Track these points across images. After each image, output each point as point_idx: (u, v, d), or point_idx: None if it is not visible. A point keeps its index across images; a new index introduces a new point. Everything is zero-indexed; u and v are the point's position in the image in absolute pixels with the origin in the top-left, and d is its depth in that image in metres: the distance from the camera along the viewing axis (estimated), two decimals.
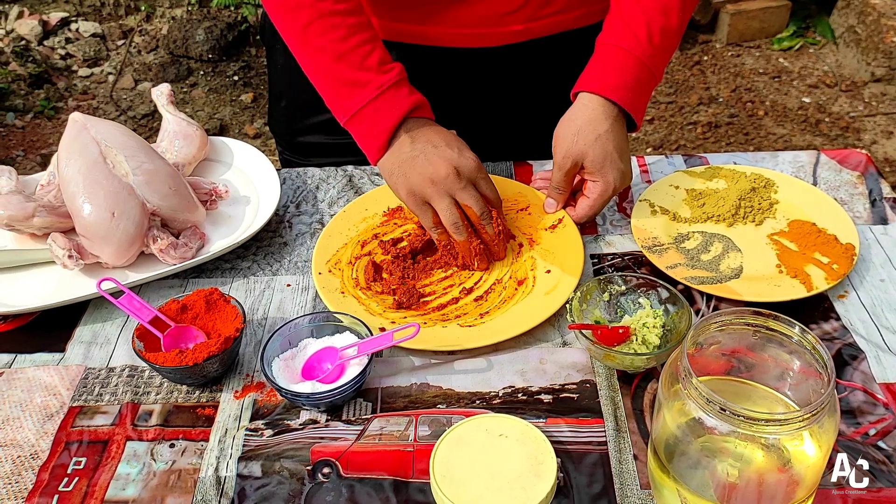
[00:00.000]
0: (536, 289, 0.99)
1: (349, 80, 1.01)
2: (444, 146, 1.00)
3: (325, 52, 1.01)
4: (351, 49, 1.00)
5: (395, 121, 1.01)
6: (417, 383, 0.89)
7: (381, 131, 1.01)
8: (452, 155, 0.99)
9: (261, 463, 0.81)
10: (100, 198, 1.00)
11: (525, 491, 0.75)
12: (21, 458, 0.83)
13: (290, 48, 1.05)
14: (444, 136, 1.02)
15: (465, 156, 1.00)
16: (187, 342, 0.91)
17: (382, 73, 1.01)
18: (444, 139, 1.01)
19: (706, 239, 1.05)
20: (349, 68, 1.00)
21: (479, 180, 1.01)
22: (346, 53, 1.00)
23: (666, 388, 0.71)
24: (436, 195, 0.98)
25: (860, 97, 3.15)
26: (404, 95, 1.01)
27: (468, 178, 0.99)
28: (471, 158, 1.01)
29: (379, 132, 1.01)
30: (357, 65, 1.00)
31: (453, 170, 0.98)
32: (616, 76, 1.02)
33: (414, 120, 1.02)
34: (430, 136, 1.01)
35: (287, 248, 1.09)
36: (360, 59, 1.00)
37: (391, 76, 1.01)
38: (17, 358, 0.95)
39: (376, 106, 1.01)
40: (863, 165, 1.18)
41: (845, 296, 0.98)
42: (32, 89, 3.24)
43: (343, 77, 1.01)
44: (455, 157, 0.99)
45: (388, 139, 1.01)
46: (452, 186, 0.98)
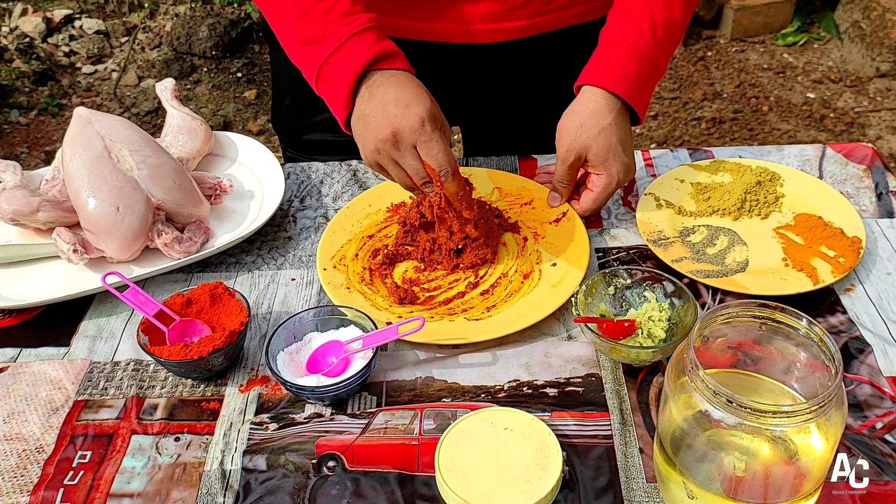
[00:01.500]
0: (542, 282, 0.99)
1: (311, 36, 0.96)
2: (392, 104, 0.92)
3: (290, 10, 0.97)
4: (312, 4, 0.95)
5: (354, 73, 0.94)
6: (422, 377, 0.89)
7: (342, 86, 0.95)
8: (395, 115, 0.92)
9: (266, 456, 0.81)
10: (104, 192, 1.00)
11: (530, 484, 0.75)
12: (26, 451, 0.83)
13: (263, 13, 1.01)
14: (397, 89, 0.94)
15: (407, 115, 0.92)
16: (192, 336, 0.91)
17: (344, 24, 0.95)
18: (396, 95, 0.93)
19: (712, 232, 1.05)
20: (312, 24, 0.96)
21: (420, 143, 0.92)
22: (308, 8, 0.96)
23: (672, 381, 0.70)
24: (384, 162, 0.95)
25: (865, 92, 3.14)
26: (366, 44, 0.95)
27: (408, 142, 0.92)
28: (414, 117, 0.91)
29: (340, 87, 0.95)
30: (319, 19, 0.95)
31: (391, 134, 0.92)
32: (619, 69, 1.02)
33: (379, 72, 0.95)
34: (387, 90, 0.93)
35: (291, 243, 1.08)
36: (323, 12, 0.95)
37: (353, 26, 0.95)
38: (22, 352, 0.95)
39: (337, 59, 0.95)
40: (869, 159, 1.18)
41: (852, 289, 0.97)
42: (36, 86, 3.25)
43: (306, 35, 0.96)
44: (398, 117, 0.92)
45: (349, 94, 0.95)
46: (391, 152, 0.93)
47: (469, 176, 1.14)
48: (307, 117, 1.28)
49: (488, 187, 1.14)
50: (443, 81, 1.19)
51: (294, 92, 1.28)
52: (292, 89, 1.29)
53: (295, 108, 1.30)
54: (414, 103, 0.92)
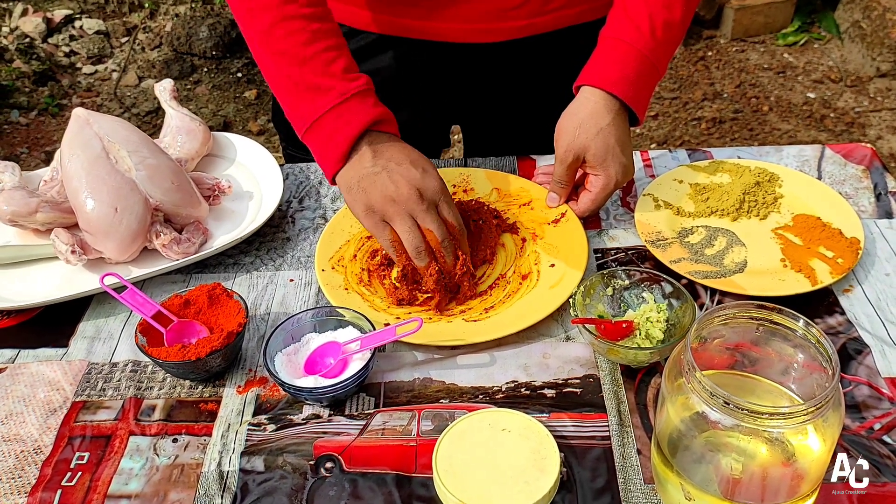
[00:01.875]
0: (541, 283, 0.98)
1: (311, 84, 0.96)
2: (407, 164, 0.95)
3: (288, 56, 0.97)
4: (315, 54, 0.96)
5: (356, 131, 0.96)
6: (420, 378, 0.89)
7: (342, 141, 0.96)
8: (415, 175, 0.95)
9: (264, 458, 0.81)
10: (103, 193, 1.00)
11: (528, 485, 0.75)
12: (24, 452, 0.83)
13: (253, 52, 1.01)
14: (408, 153, 0.97)
15: (428, 177, 0.96)
16: (190, 337, 0.91)
17: (347, 80, 0.97)
18: (409, 157, 0.97)
19: (710, 233, 1.05)
20: (312, 73, 0.96)
21: (441, 204, 0.96)
22: (309, 58, 0.96)
23: (669, 383, 0.70)
24: (396, 215, 0.94)
25: (865, 92, 3.14)
26: (369, 106, 0.97)
27: (430, 200, 0.95)
28: (434, 179, 0.96)
29: (339, 142, 0.96)
30: (320, 70, 0.96)
31: (416, 190, 0.94)
32: (618, 70, 1.02)
33: (377, 133, 0.98)
34: (394, 152, 0.97)
35: (290, 244, 1.08)
36: (324, 64, 0.96)
37: (357, 84, 0.97)
38: (20, 353, 0.95)
39: (338, 113, 0.96)
40: (868, 159, 1.18)
41: (850, 290, 0.97)
42: (37, 87, 3.25)
43: (305, 82, 0.96)
44: (418, 177, 0.95)
45: (348, 149, 0.96)
46: (414, 208, 0.94)
47: (468, 177, 1.15)
48: None
49: (487, 188, 1.14)
50: (442, 81, 1.19)
51: None
52: None
53: None
54: (429, 168, 0.97)
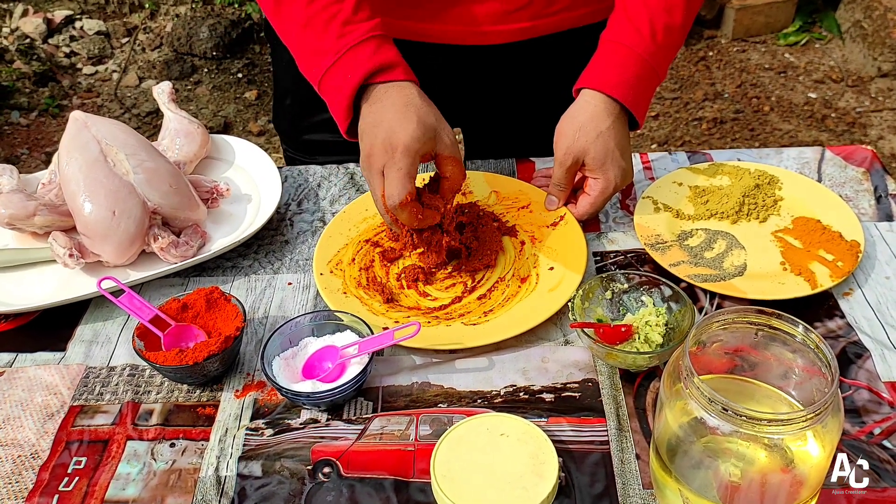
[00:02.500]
0: (540, 286, 0.98)
1: (314, 48, 0.97)
2: (381, 125, 0.92)
3: (294, 20, 0.97)
4: (315, 13, 0.96)
5: (350, 89, 0.95)
6: (418, 382, 0.89)
7: (341, 98, 0.96)
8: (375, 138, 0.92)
9: (261, 462, 0.81)
10: (100, 196, 1.00)
11: (526, 491, 0.75)
12: (21, 457, 0.83)
13: (271, 22, 1.02)
14: (397, 105, 0.93)
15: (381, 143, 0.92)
16: (188, 341, 0.90)
17: (342, 35, 0.95)
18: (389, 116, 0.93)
19: (710, 236, 1.05)
20: (314, 35, 0.96)
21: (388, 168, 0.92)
22: (311, 18, 0.96)
23: (668, 388, 0.70)
24: (370, 175, 0.94)
25: (866, 92, 3.13)
26: (364, 58, 0.95)
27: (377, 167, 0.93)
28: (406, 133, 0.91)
29: (339, 100, 0.96)
30: (321, 30, 0.96)
31: (366, 156, 0.93)
32: (618, 73, 1.01)
33: (376, 87, 0.95)
34: (379, 109, 0.94)
35: (288, 247, 1.08)
36: (324, 23, 0.96)
37: (351, 38, 0.95)
38: (17, 357, 0.95)
39: (333, 74, 0.96)
40: (868, 161, 1.17)
41: (850, 293, 0.97)
42: (37, 87, 3.25)
43: (309, 45, 0.97)
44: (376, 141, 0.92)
45: (347, 108, 0.96)
46: (365, 173, 0.95)
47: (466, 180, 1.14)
48: (308, 117, 1.28)
49: (485, 191, 1.13)
50: (443, 82, 1.19)
51: (295, 92, 1.28)
52: (293, 89, 1.28)
53: (296, 108, 1.30)
54: (399, 129, 0.92)
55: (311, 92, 1.03)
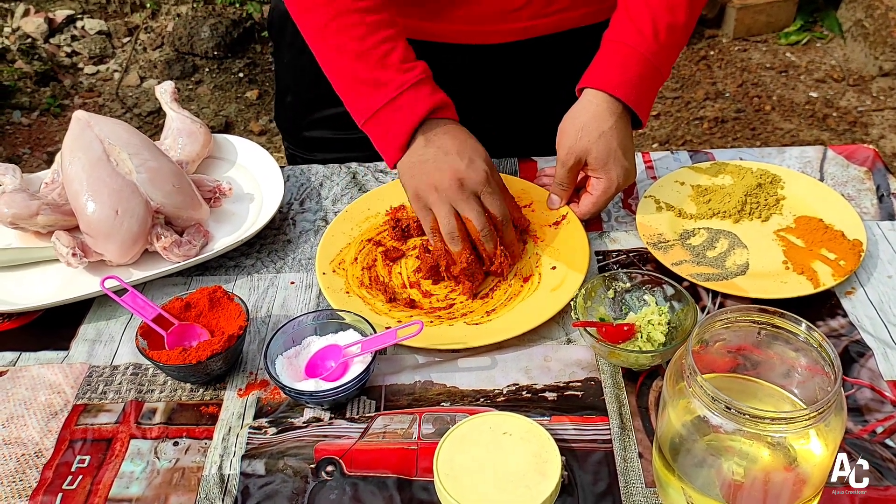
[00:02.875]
0: (542, 285, 0.98)
1: (369, 79, 0.99)
2: (454, 154, 0.98)
3: (344, 51, 0.99)
4: (371, 47, 0.98)
5: (414, 122, 0.99)
6: (421, 381, 0.89)
7: (400, 133, 0.99)
8: (460, 165, 0.97)
9: (264, 461, 0.81)
10: (103, 195, 1.00)
11: (529, 489, 0.75)
12: (25, 456, 0.83)
13: (312, 48, 1.03)
14: (458, 142, 1.00)
15: (473, 167, 0.98)
16: (191, 340, 0.91)
17: (403, 71, 0.99)
18: (458, 146, 0.99)
19: (712, 235, 1.05)
20: (368, 67, 0.99)
21: (484, 194, 0.98)
22: (365, 52, 0.98)
23: (670, 386, 0.70)
24: (437, 202, 0.97)
25: (868, 91, 3.13)
26: (425, 95, 0.99)
27: (472, 190, 0.97)
28: (480, 170, 0.98)
29: (398, 133, 0.99)
30: (377, 63, 0.98)
31: (457, 180, 0.96)
32: (620, 72, 1.01)
33: (434, 121, 1.00)
34: (445, 140, 0.99)
35: (291, 246, 1.08)
36: (380, 57, 0.98)
37: (413, 75, 0.99)
38: (21, 356, 0.95)
39: (397, 105, 0.99)
40: (870, 161, 1.17)
41: (852, 292, 0.97)
42: (38, 87, 3.25)
43: (362, 76, 0.99)
44: (462, 167, 0.97)
45: (406, 141, 0.99)
46: (454, 196, 0.97)
47: None
48: (309, 114, 1.28)
49: None
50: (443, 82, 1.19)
51: (296, 89, 1.28)
52: (294, 87, 1.28)
53: (297, 105, 1.30)
54: (476, 158, 0.99)
55: (312, 90, 1.03)
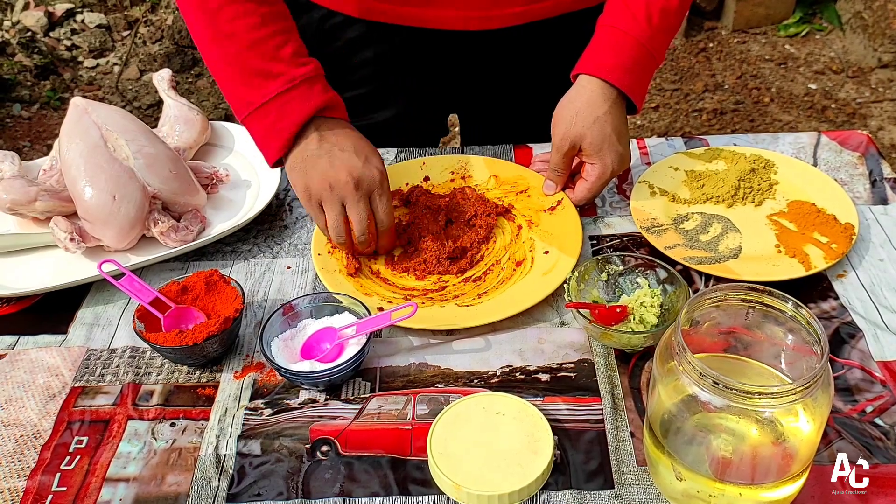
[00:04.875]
0: (534, 269, 0.99)
1: (259, 69, 0.96)
2: (350, 151, 0.97)
3: (236, 39, 0.96)
4: (264, 38, 0.96)
5: (303, 117, 0.96)
6: (416, 363, 0.90)
7: (288, 125, 0.97)
8: (357, 163, 0.96)
9: (260, 441, 0.82)
10: (101, 181, 1.00)
11: (522, 468, 0.76)
12: (24, 437, 0.84)
13: (194, 32, 0.99)
14: (353, 141, 0.99)
15: (369, 166, 0.97)
16: (187, 323, 0.91)
17: (297, 65, 0.97)
18: (354, 144, 0.98)
19: (705, 220, 1.05)
20: (260, 58, 0.96)
21: (375, 197, 0.97)
22: (258, 42, 0.96)
23: (661, 366, 0.71)
24: (329, 200, 0.96)
25: (867, 83, 3.13)
26: (318, 92, 0.97)
27: (366, 190, 0.96)
28: (373, 169, 0.97)
29: (285, 126, 0.97)
30: (270, 55, 0.96)
31: (352, 179, 0.95)
32: (614, 57, 1.02)
33: (324, 119, 0.99)
34: (340, 138, 0.98)
35: (287, 231, 1.09)
36: (274, 48, 0.96)
37: (306, 70, 0.97)
38: (20, 339, 0.96)
39: (286, 99, 0.96)
40: (863, 146, 1.18)
41: (844, 275, 0.98)
42: (38, 80, 3.25)
43: (253, 66, 0.96)
44: (359, 165, 0.96)
45: (293, 135, 0.97)
46: (346, 195, 0.96)
47: (466, 164, 1.15)
48: None
49: (485, 175, 1.14)
50: (439, 69, 1.20)
51: None
52: None
53: None
54: (372, 157, 0.98)
55: None
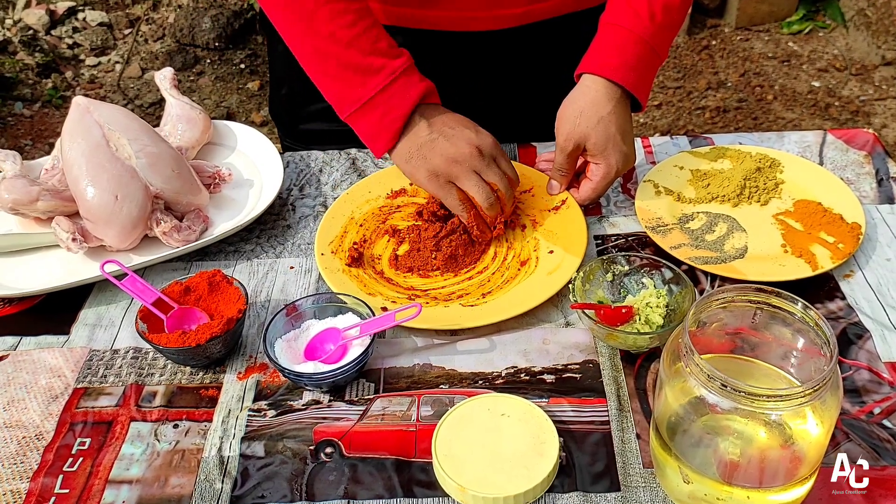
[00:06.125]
0: (539, 269, 0.98)
1: (360, 65, 0.99)
2: (461, 128, 1.01)
3: (335, 39, 0.99)
4: (360, 34, 0.99)
5: (410, 106, 1.00)
6: (420, 364, 0.89)
7: (397, 118, 1.00)
8: (471, 135, 1.01)
9: (264, 443, 0.82)
10: (103, 181, 1.00)
11: (527, 470, 0.75)
12: (26, 438, 0.83)
13: (293, 38, 1.02)
14: (458, 118, 1.03)
15: (482, 134, 1.02)
16: (190, 324, 0.91)
17: (393, 57, 1.00)
18: (460, 122, 1.02)
19: (711, 219, 1.05)
20: (360, 54, 0.99)
21: (499, 158, 1.02)
22: (355, 38, 0.99)
23: (667, 367, 0.70)
24: (462, 174, 0.99)
25: (870, 81, 3.12)
26: (416, 81, 1.01)
27: (490, 155, 1.01)
28: (488, 136, 1.02)
29: (394, 118, 1.00)
30: (368, 50, 0.99)
31: (475, 149, 1.00)
32: (617, 56, 1.01)
33: (426, 106, 1.03)
34: (446, 119, 1.02)
35: (290, 231, 1.09)
36: (370, 43, 0.99)
37: (402, 61, 1.00)
38: (22, 340, 0.95)
39: (391, 92, 1.00)
40: (870, 145, 1.17)
41: (851, 275, 0.97)
42: (40, 78, 3.25)
43: (354, 63, 0.99)
44: (474, 136, 1.01)
45: (402, 126, 1.01)
46: (477, 164, 1.00)
47: None
48: (304, 107, 1.27)
49: None
50: (441, 69, 1.19)
51: (290, 82, 1.28)
52: (288, 79, 1.28)
53: (291, 97, 1.30)
54: (480, 128, 1.03)
55: (307, 82, 1.03)
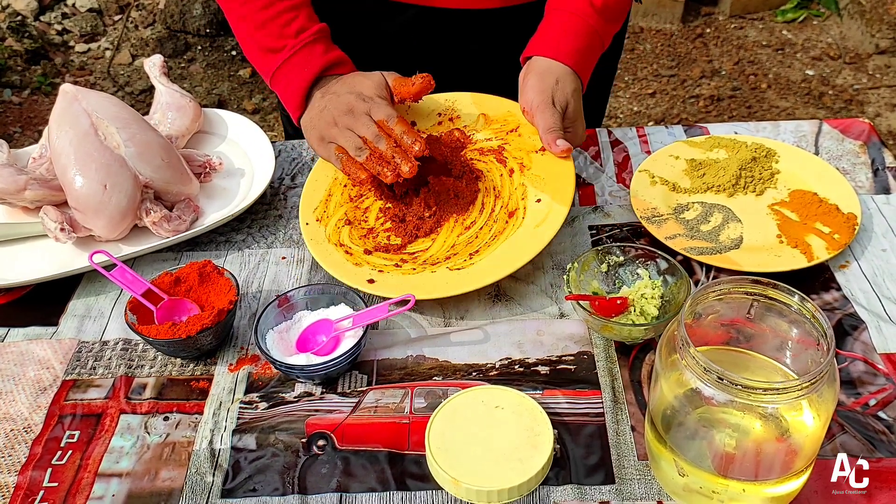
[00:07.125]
0: (526, 221, 0.96)
1: (268, 46, 1.05)
2: (345, 94, 1.02)
3: (247, 21, 1.05)
4: (271, 18, 1.04)
5: (308, 79, 1.03)
6: (413, 355, 0.89)
7: (296, 89, 1.04)
8: (350, 98, 1.01)
9: (255, 435, 0.81)
10: (91, 170, 0.98)
11: (521, 462, 0.75)
12: (14, 431, 0.83)
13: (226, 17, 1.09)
14: (349, 84, 1.03)
15: (360, 96, 1.01)
16: (181, 315, 0.90)
17: (296, 36, 1.04)
18: (348, 87, 1.03)
19: (706, 209, 1.04)
20: (269, 37, 1.04)
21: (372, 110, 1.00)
22: (266, 22, 1.04)
23: (663, 359, 0.70)
24: (338, 134, 1.01)
25: (864, 69, 3.12)
26: (318, 54, 1.04)
27: (363, 111, 1.00)
28: (368, 80, 1.02)
29: (294, 90, 1.04)
30: (276, 33, 1.04)
31: (348, 109, 1.00)
32: (572, 42, 1.03)
33: (330, 77, 1.05)
34: (339, 86, 1.03)
35: (282, 221, 1.07)
36: (280, 27, 1.04)
37: (304, 36, 1.04)
38: (9, 332, 0.94)
39: (289, 67, 1.04)
40: (865, 135, 1.17)
41: (846, 266, 0.96)
42: (29, 65, 3.22)
43: (263, 44, 1.05)
44: (353, 99, 1.01)
45: (303, 97, 1.04)
46: (349, 122, 1.00)
47: (454, 103, 1.12)
48: None
49: (473, 114, 1.10)
50: (438, 46, 1.18)
51: None
52: None
53: None
54: (364, 85, 1.03)
55: None
